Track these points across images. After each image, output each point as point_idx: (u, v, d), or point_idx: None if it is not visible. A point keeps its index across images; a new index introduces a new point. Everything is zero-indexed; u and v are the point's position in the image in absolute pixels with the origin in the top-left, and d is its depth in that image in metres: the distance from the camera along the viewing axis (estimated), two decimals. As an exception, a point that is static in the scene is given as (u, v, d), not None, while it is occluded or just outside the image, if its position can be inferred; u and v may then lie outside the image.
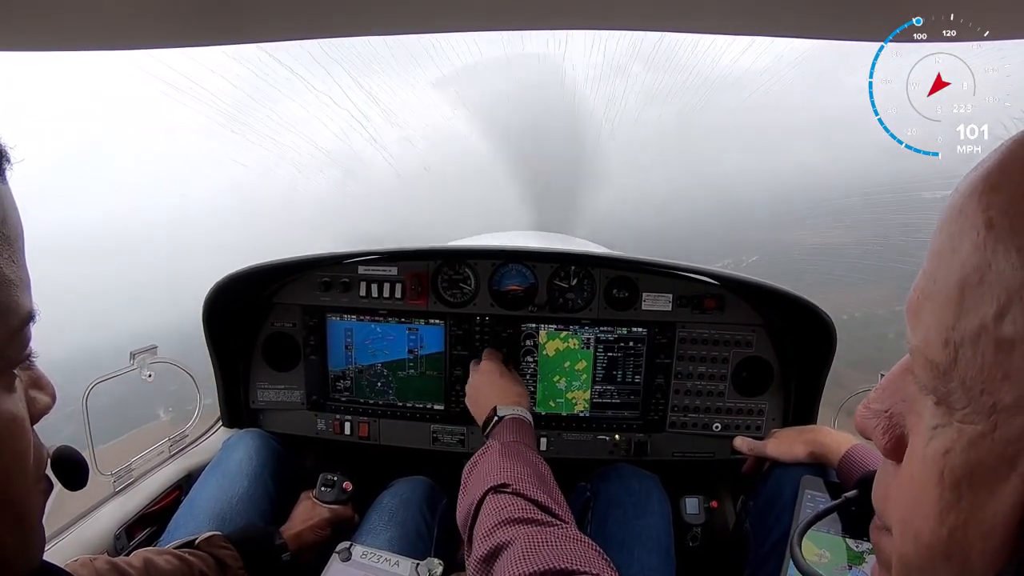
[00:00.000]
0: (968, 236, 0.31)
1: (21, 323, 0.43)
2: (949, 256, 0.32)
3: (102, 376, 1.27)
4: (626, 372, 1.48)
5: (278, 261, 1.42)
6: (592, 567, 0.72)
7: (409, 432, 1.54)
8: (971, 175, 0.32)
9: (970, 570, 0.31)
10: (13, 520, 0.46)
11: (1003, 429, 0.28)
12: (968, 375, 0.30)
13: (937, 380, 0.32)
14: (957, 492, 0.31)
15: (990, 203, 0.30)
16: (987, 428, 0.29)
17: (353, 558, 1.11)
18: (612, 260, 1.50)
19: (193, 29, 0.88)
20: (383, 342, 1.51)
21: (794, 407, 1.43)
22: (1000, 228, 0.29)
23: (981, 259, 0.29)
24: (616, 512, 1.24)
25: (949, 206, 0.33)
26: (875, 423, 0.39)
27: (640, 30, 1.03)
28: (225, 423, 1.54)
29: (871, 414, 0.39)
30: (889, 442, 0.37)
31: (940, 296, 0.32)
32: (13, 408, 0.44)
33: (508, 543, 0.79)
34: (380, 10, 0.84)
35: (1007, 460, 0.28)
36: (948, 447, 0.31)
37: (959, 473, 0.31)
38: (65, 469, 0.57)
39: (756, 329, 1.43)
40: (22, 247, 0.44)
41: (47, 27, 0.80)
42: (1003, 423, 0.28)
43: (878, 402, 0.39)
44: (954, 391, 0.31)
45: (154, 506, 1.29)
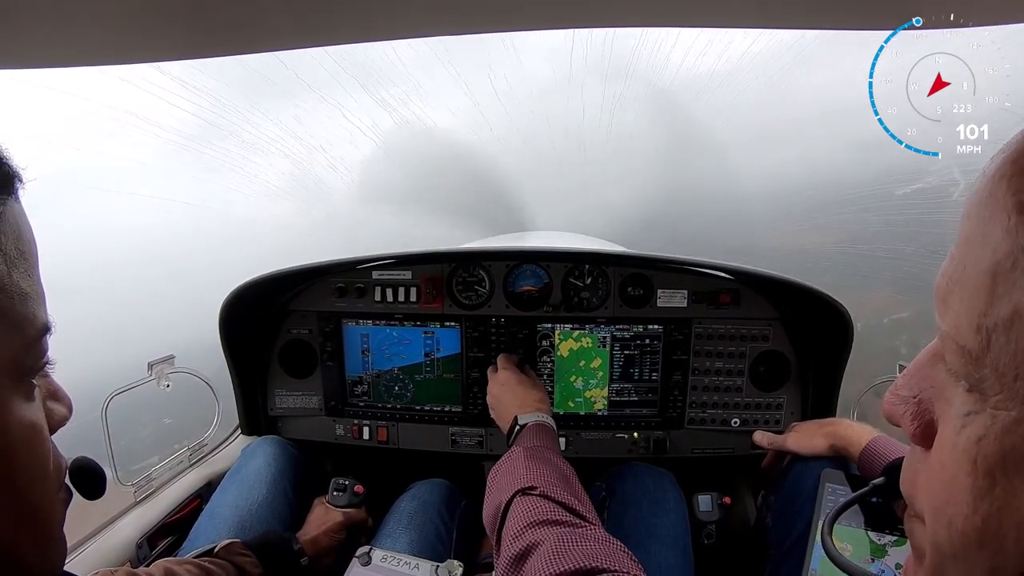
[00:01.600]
0: (999, 220, 0.30)
1: (38, 334, 0.45)
2: (980, 241, 0.31)
3: (120, 388, 1.28)
4: (643, 370, 1.47)
5: (292, 268, 1.43)
6: (621, 566, 0.72)
7: (428, 435, 1.54)
8: (998, 158, 0.32)
9: (1005, 557, 0.30)
10: (34, 528, 0.46)
11: None
12: (1002, 361, 0.30)
13: (969, 366, 0.32)
14: (991, 479, 0.30)
15: (1020, 186, 0.30)
16: (1022, 414, 0.29)
17: (373, 562, 1.11)
18: (626, 258, 1.50)
19: (186, 42, 0.89)
20: (399, 346, 1.51)
21: (812, 400, 1.42)
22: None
23: (1013, 244, 0.29)
24: (632, 510, 1.23)
25: (977, 190, 0.33)
26: (903, 409, 0.39)
27: (631, 26, 1.04)
28: (244, 431, 1.54)
29: (899, 400, 0.39)
30: (918, 428, 0.37)
31: (971, 282, 0.32)
32: (33, 416, 0.45)
33: (537, 544, 0.79)
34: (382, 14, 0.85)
35: None
36: (982, 434, 0.31)
37: (993, 460, 0.30)
38: (83, 479, 0.58)
39: (772, 323, 1.43)
40: (36, 262, 0.46)
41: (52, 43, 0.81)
42: None
43: (906, 388, 0.39)
44: (987, 377, 0.31)
45: (175, 515, 1.29)
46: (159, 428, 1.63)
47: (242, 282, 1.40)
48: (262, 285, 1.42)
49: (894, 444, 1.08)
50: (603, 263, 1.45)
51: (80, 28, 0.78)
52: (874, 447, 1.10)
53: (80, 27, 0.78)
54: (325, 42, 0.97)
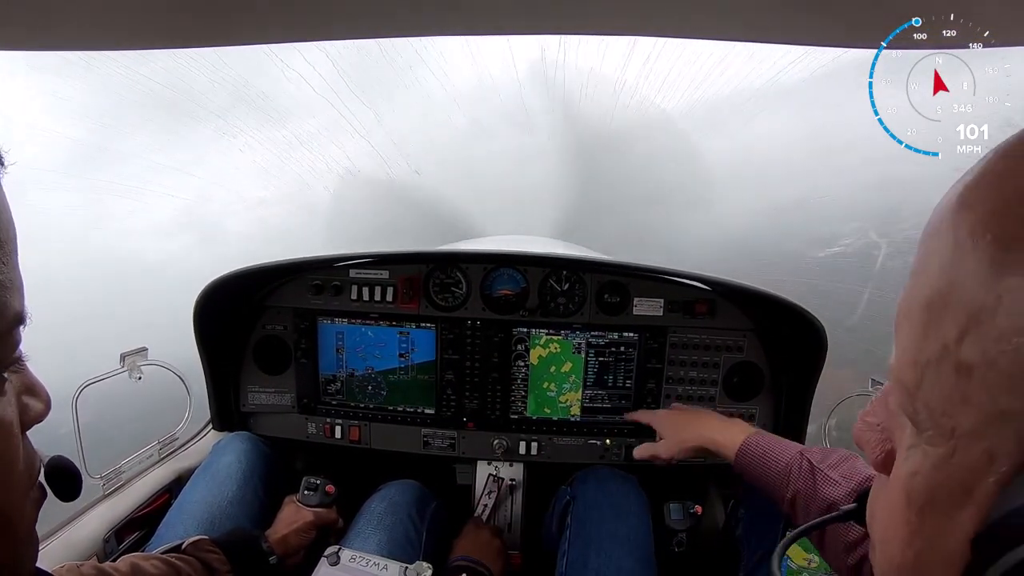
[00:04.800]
0: (937, 255, 0.30)
1: (9, 325, 0.43)
2: (922, 275, 0.31)
3: (91, 378, 1.27)
4: (617, 377, 1.48)
5: (269, 264, 1.41)
6: None
7: (400, 436, 1.54)
8: (950, 190, 0.31)
9: None
10: (1, 529, 0.45)
11: (961, 455, 0.28)
12: (932, 397, 0.29)
13: (906, 400, 0.32)
14: (922, 516, 0.30)
15: (960, 222, 0.29)
16: (947, 452, 0.28)
17: (341, 562, 1.11)
18: (603, 265, 1.50)
19: (185, 30, 0.87)
20: (374, 346, 1.51)
21: (785, 412, 1.43)
22: (965, 249, 0.28)
23: (947, 280, 0.29)
24: (595, 515, 1.24)
25: (928, 223, 0.32)
26: (868, 436, 0.39)
27: (636, 35, 1.03)
28: (215, 426, 1.54)
29: (867, 427, 0.39)
30: (879, 456, 0.37)
31: (912, 315, 0.32)
32: (0, 412, 0.43)
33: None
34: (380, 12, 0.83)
35: (964, 488, 0.28)
36: (915, 470, 0.31)
37: (923, 497, 0.30)
38: (58, 479, 0.56)
39: (747, 334, 1.43)
40: (14, 250, 0.43)
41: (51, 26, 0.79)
42: (961, 449, 0.28)
43: (872, 415, 0.39)
44: (920, 412, 0.30)
45: (143, 509, 1.29)
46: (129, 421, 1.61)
47: (218, 276, 1.39)
48: (238, 280, 1.41)
49: (765, 444, 1.06)
50: (580, 269, 1.45)
51: (68, 11, 0.76)
52: (749, 451, 1.07)
53: (68, 10, 0.76)
54: (315, 37, 0.96)
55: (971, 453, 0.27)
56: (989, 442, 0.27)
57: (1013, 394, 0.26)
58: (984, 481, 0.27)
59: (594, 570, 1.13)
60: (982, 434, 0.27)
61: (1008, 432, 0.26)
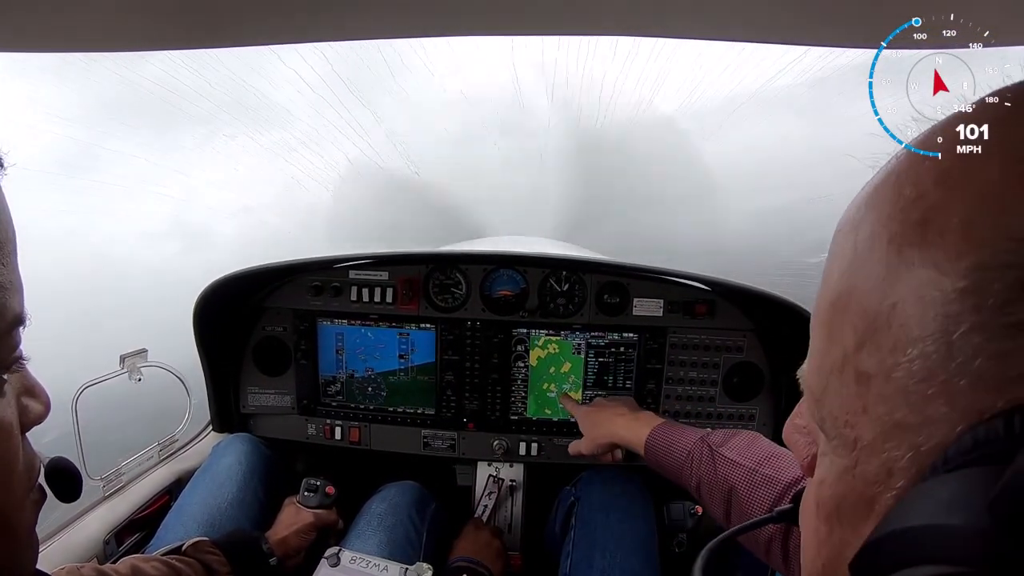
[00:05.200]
0: (839, 261, 0.29)
1: (8, 326, 0.43)
2: (827, 277, 0.30)
3: (91, 380, 1.27)
4: (617, 377, 1.48)
5: (268, 265, 1.41)
6: None
7: (400, 437, 1.54)
8: (862, 188, 0.30)
9: None
10: (0, 530, 0.45)
11: (863, 467, 0.27)
12: (835, 405, 0.28)
13: (815, 407, 0.31)
14: (830, 526, 0.29)
15: (861, 222, 0.28)
16: (851, 463, 0.27)
17: (342, 563, 1.11)
18: (603, 265, 1.50)
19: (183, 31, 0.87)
20: (374, 347, 1.51)
21: (785, 412, 1.43)
22: (864, 253, 0.27)
23: (847, 284, 0.28)
24: (599, 515, 1.24)
25: (839, 221, 0.31)
26: (796, 438, 0.38)
27: (627, 35, 1.03)
28: (215, 428, 1.54)
29: (795, 429, 0.39)
30: (805, 459, 0.36)
31: (820, 319, 0.31)
32: (0, 414, 0.43)
33: None
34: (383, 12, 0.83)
35: (866, 500, 0.26)
36: (823, 477, 0.30)
37: (829, 506, 0.29)
38: (58, 480, 0.55)
39: (747, 334, 1.43)
40: (14, 251, 0.43)
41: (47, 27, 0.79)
42: (863, 460, 0.27)
43: (800, 417, 0.38)
44: (826, 420, 0.29)
45: (143, 511, 1.28)
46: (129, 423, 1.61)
47: (218, 277, 1.39)
48: (238, 281, 1.41)
49: (669, 435, 1.04)
50: (580, 270, 1.45)
51: (72, 12, 0.76)
52: (654, 447, 1.05)
53: (72, 11, 0.75)
54: (315, 38, 0.96)
55: (871, 466, 0.26)
56: (888, 455, 0.25)
57: (909, 408, 0.24)
58: (884, 496, 0.26)
59: (599, 571, 1.14)
60: (880, 447, 0.25)
61: (904, 447, 0.24)
